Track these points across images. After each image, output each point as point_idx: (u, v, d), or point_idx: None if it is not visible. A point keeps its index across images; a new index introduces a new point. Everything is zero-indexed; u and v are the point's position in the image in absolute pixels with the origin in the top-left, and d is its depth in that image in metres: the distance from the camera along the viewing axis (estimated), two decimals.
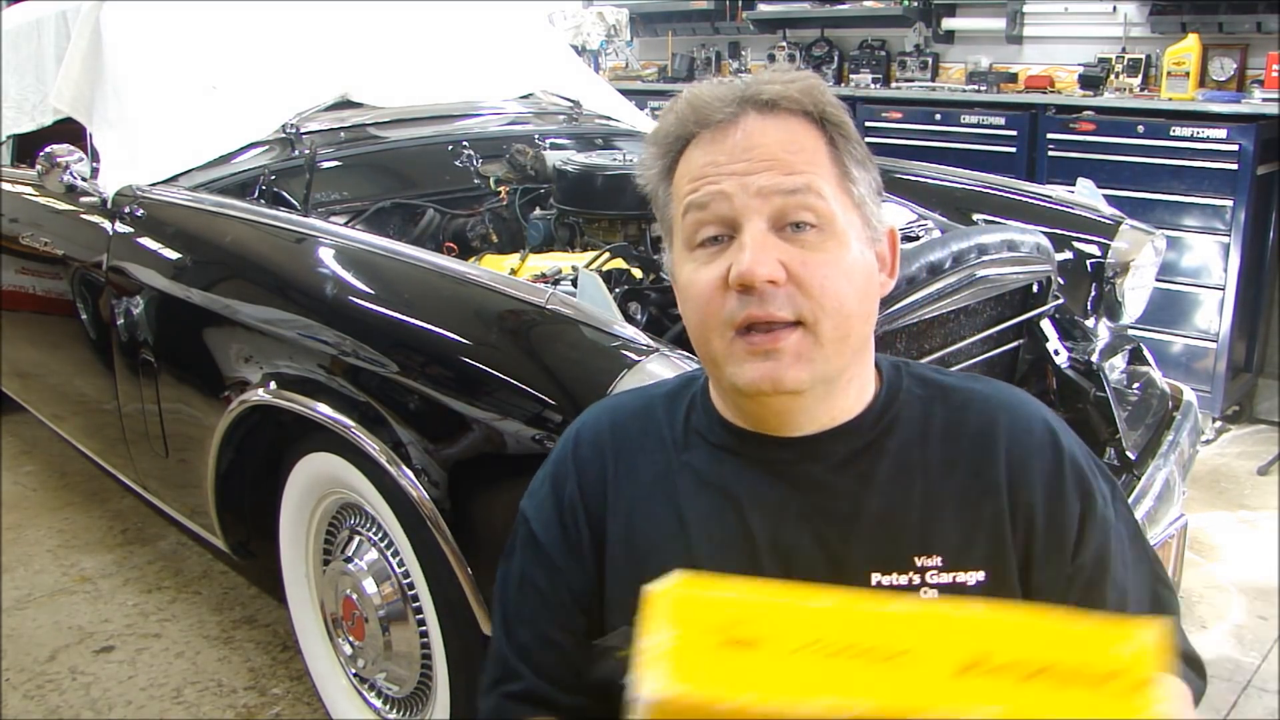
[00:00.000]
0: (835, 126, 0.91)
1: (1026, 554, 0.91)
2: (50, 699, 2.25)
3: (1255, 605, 2.58)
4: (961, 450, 0.93)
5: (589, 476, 0.99)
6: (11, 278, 2.80)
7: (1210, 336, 3.65)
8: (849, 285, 0.88)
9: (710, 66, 5.38)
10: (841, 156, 0.91)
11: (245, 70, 2.57)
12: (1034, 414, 0.96)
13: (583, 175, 2.29)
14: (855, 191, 0.91)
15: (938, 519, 0.91)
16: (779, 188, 0.86)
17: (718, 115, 0.90)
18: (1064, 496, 0.92)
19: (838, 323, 0.87)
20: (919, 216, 2.24)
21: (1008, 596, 0.90)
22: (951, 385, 0.98)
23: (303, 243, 1.99)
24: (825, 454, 0.93)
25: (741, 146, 0.88)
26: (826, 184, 0.89)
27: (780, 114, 0.90)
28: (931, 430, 0.94)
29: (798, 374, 0.87)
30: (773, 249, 0.86)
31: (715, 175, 0.88)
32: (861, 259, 0.91)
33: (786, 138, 0.89)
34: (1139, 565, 0.97)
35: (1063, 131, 3.88)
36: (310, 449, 1.90)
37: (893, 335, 1.79)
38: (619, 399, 1.11)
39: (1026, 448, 0.93)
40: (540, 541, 1.00)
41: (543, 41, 3.34)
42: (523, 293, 1.61)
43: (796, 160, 0.88)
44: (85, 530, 3.01)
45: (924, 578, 0.89)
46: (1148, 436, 2.16)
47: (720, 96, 0.91)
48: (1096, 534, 0.93)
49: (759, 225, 0.86)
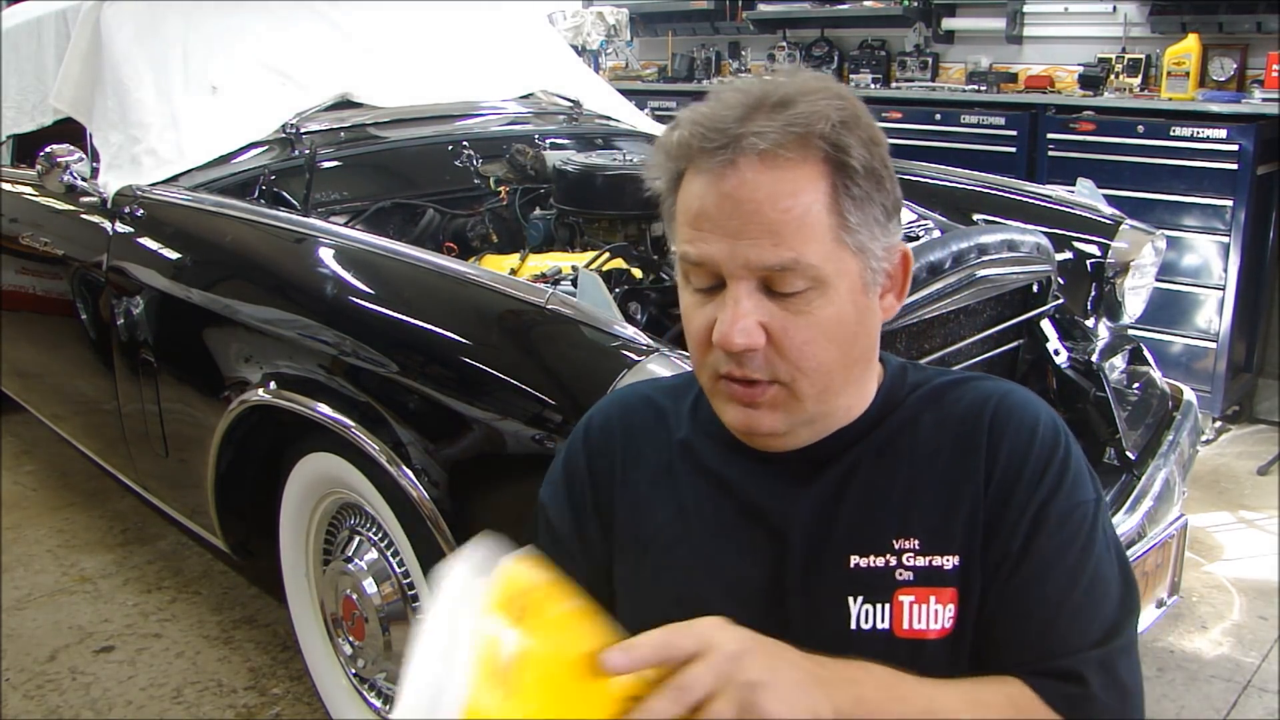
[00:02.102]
0: (839, 168, 0.86)
1: (984, 535, 0.91)
2: (50, 699, 2.25)
3: (1255, 605, 2.58)
4: (947, 438, 0.94)
5: (599, 463, 1.03)
6: (12, 278, 2.80)
7: (1210, 336, 3.65)
8: (831, 345, 0.88)
9: (710, 66, 5.39)
10: (839, 202, 0.86)
11: (245, 70, 2.57)
12: (1026, 405, 0.95)
13: (583, 175, 2.28)
14: (851, 241, 0.88)
15: (918, 502, 0.92)
16: (764, 263, 0.85)
17: (715, 157, 0.87)
18: (1019, 480, 0.90)
19: (815, 380, 0.89)
20: (919, 216, 2.24)
21: (973, 584, 0.90)
22: (951, 382, 0.98)
23: (303, 243, 1.99)
24: (818, 454, 0.95)
25: (734, 200, 0.85)
26: (819, 245, 0.86)
27: (777, 163, 0.85)
28: (921, 423, 0.95)
29: (774, 423, 0.91)
30: (754, 312, 0.86)
31: (709, 230, 0.87)
32: (852, 309, 0.89)
33: (779, 190, 0.85)
34: (1094, 583, 0.90)
35: (1063, 131, 3.88)
36: (310, 449, 1.90)
37: (893, 335, 1.80)
38: (633, 388, 1.13)
39: (1002, 433, 0.92)
40: (555, 526, 1.04)
41: (543, 41, 3.34)
42: (523, 293, 1.61)
43: (787, 223, 0.85)
44: (85, 530, 3.01)
45: (900, 560, 0.90)
46: (1148, 436, 2.16)
47: (721, 131, 0.86)
48: (1042, 526, 0.90)
49: (745, 287, 0.87)
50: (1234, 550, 2.87)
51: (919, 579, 0.90)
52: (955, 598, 0.90)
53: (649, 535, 0.99)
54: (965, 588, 0.90)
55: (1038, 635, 0.89)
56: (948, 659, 0.90)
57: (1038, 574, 0.89)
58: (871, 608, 0.90)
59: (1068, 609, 0.89)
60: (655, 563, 0.99)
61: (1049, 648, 0.88)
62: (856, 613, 0.90)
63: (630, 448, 1.03)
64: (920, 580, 0.90)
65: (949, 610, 0.90)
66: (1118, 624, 0.90)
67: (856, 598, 0.90)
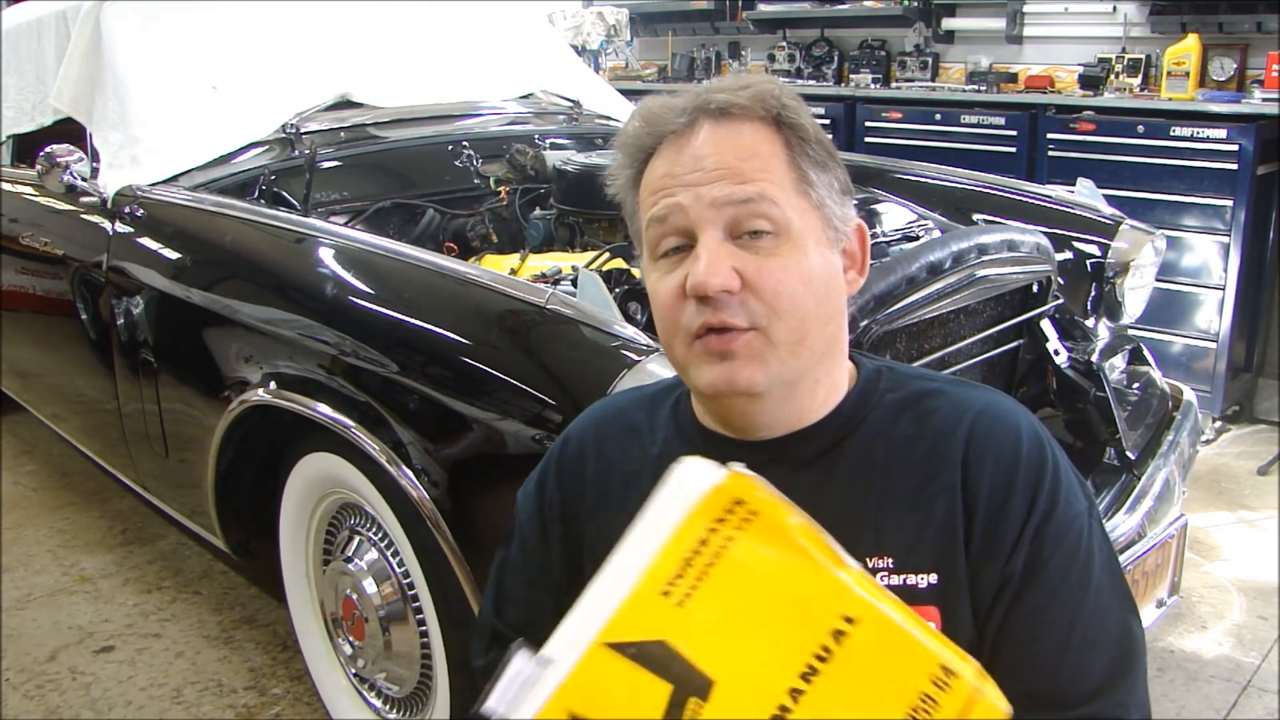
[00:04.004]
0: (792, 129, 0.92)
1: (969, 555, 0.90)
2: (50, 699, 2.25)
3: (1255, 605, 2.58)
4: (921, 452, 0.93)
5: (569, 477, 1.06)
6: (11, 278, 2.80)
7: (1210, 336, 3.65)
8: (805, 289, 0.90)
9: (710, 66, 5.39)
10: (798, 160, 0.92)
11: (245, 70, 2.57)
12: (1006, 417, 0.94)
13: (583, 175, 2.28)
14: (813, 194, 0.92)
15: (889, 520, 0.91)
16: (731, 198, 0.88)
17: (672, 125, 0.92)
18: (1010, 498, 0.89)
19: (792, 326, 0.89)
20: (919, 216, 2.23)
21: (957, 601, 0.89)
22: (929, 390, 0.97)
23: (303, 243, 1.99)
24: (790, 456, 0.95)
25: (696, 155, 0.90)
26: (781, 190, 0.90)
27: (734, 120, 0.91)
28: (896, 433, 0.95)
29: (752, 375, 0.90)
30: (727, 257, 0.88)
31: (672, 187, 0.90)
32: (821, 262, 0.91)
33: (740, 143, 0.90)
34: (1099, 594, 0.90)
35: (1063, 131, 3.88)
36: (310, 449, 1.90)
37: (893, 335, 1.79)
38: (611, 400, 1.15)
39: (984, 448, 0.91)
40: (525, 532, 1.08)
41: (543, 41, 3.34)
42: (523, 293, 1.61)
43: (749, 167, 0.89)
44: (85, 530, 3.01)
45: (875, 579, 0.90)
46: (1148, 436, 2.16)
47: (673, 107, 0.93)
48: (1041, 546, 0.89)
49: (714, 235, 0.89)
50: (1234, 550, 2.87)
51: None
52: (936, 615, 0.89)
53: (616, 541, 0.98)
54: (948, 604, 0.89)
55: (1051, 661, 0.88)
56: None
57: (1046, 595, 0.88)
58: None
59: (1079, 630, 0.88)
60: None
61: (1069, 677, 0.87)
62: None
63: (603, 458, 1.04)
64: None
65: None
66: (1127, 637, 0.90)
67: None
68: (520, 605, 1.07)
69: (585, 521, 1.03)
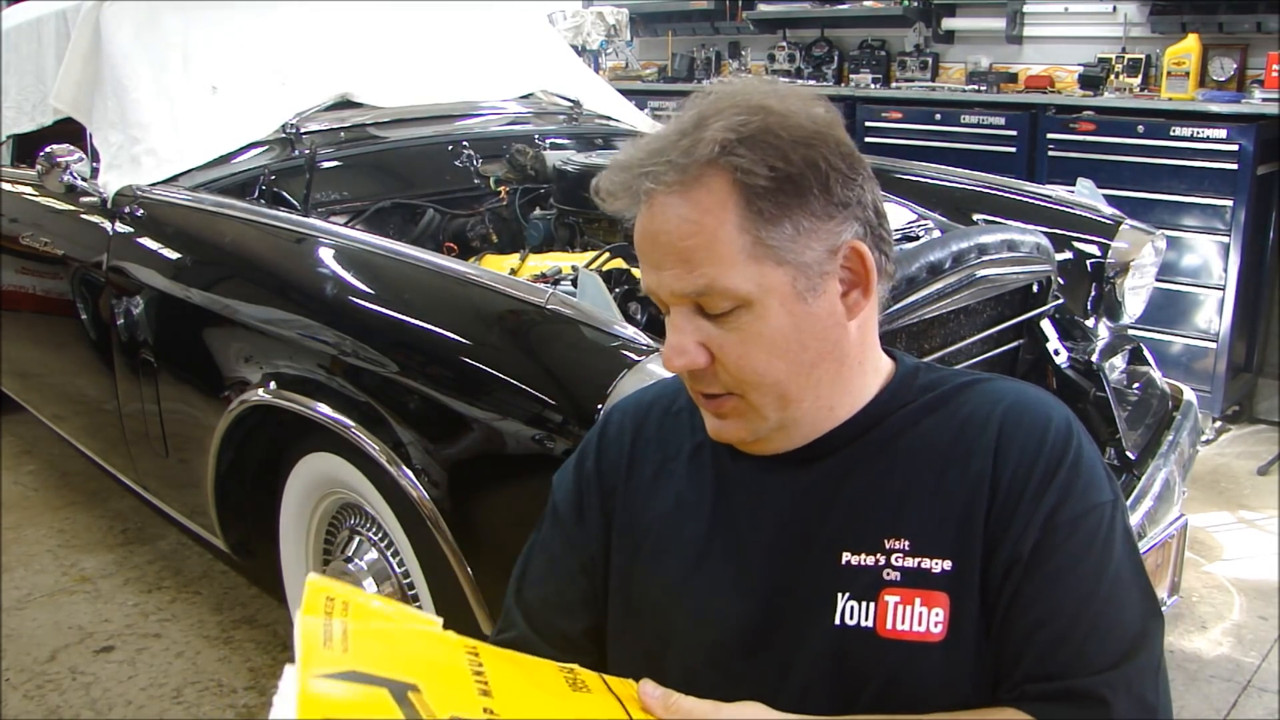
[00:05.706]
0: (745, 174, 0.86)
1: (985, 541, 0.89)
2: (50, 699, 2.25)
3: (1255, 605, 2.58)
4: (949, 440, 0.93)
5: (609, 454, 1.07)
6: (11, 278, 2.80)
7: (1210, 336, 3.65)
8: (771, 357, 0.90)
9: (710, 66, 5.38)
10: (751, 217, 0.87)
11: (245, 70, 2.57)
12: (1037, 407, 0.93)
13: (583, 175, 2.28)
14: (773, 253, 0.88)
15: (911, 504, 0.91)
16: (684, 290, 0.89)
17: (627, 198, 0.91)
18: (1027, 485, 0.89)
19: (767, 390, 0.91)
20: (919, 216, 2.24)
21: (967, 591, 0.89)
22: (964, 383, 0.97)
23: (303, 243, 1.99)
24: (814, 455, 0.96)
25: (652, 235, 0.90)
26: (731, 266, 0.87)
27: (679, 190, 0.87)
28: (927, 423, 0.95)
29: (739, 431, 0.95)
30: (693, 333, 0.91)
31: (644, 263, 0.92)
32: (792, 317, 0.89)
33: (685, 218, 0.87)
34: (1113, 587, 0.89)
35: (1063, 131, 3.88)
36: (310, 449, 1.90)
37: (893, 335, 1.79)
38: (655, 385, 1.16)
39: (1012, 438, 0.91)
40: (559, 510, 1.08)
41: (543, 41, 3.35)
42: (523, 293, 1.61)
43: (695, 247, 0.87)
44: (85, 530, 3.01)
45: (889, 560, 0.90)
46: (1148, 436, 2.16)
47: (619, 184, 0.91)
48: (1053, 533, 0.88)
49: (682, 312, 0.91)
50: (1234, 550, 2.87)
51: (906, 580, 0.89)
52: (946, 603, 0.88)
53: (646, 524, 1.02)
54: (958, 593, 0.88)
55: (1053, 647, 0.86)
56: (944, 668, 0.88)
57: (1051, 581, 0.87)
58: (856, 605, 0.90)
59: (1085, 619, 0.86)
60: (650, 553, 1.01)
61: (1066, 663, 0.86)
62: (842, 608, 0.90)
63: (640, 440, 1.06)
64: (907, 581, 0.89)
65: (937, 614, 0.88)
66: (1142, 634, 0.88)
67: (844, 594, 0.90)
68: (538, 586, 1.08)
69: (619, 498, 1.04)
